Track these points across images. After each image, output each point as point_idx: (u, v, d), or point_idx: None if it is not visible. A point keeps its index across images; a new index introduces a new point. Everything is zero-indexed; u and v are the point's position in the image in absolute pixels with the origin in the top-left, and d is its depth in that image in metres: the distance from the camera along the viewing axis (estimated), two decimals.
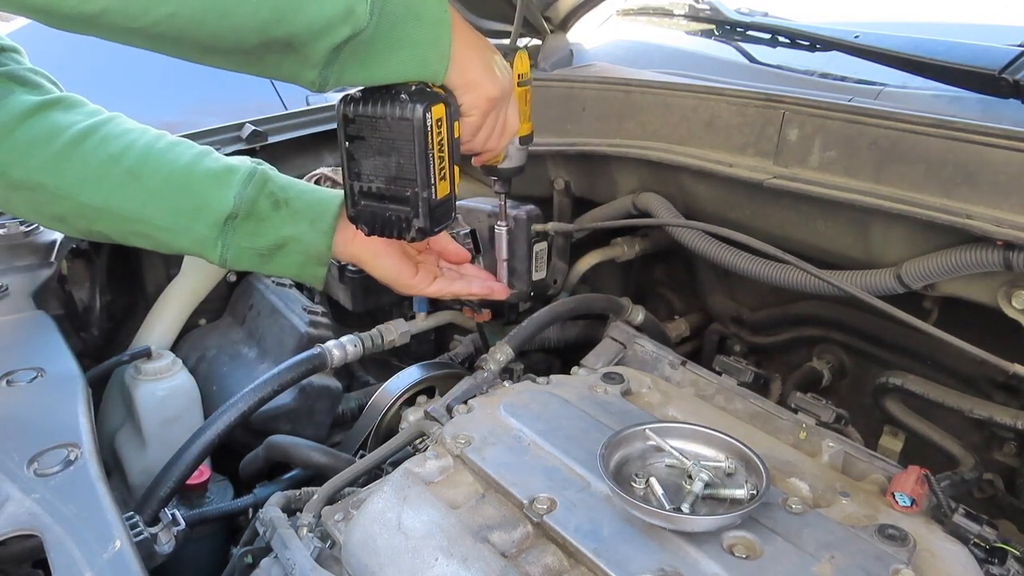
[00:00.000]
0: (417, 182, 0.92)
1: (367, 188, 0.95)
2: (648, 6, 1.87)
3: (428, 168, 0.91)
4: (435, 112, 0.89)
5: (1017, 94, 1.13)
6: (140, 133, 1.08)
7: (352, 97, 0.91)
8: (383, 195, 0.95)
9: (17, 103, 1.00)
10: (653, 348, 1.19)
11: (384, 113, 0.89)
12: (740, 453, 0.82)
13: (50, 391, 0.89)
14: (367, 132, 0.92)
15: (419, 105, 0.87)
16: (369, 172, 0.94)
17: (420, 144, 0.89)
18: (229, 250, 1.07)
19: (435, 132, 0.90)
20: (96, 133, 1.04)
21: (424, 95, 0.88)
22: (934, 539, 0.78)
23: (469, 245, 1.29)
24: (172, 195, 1.05)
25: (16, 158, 1.00)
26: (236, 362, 1.46)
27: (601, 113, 1.38)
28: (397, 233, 0.96)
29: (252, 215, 1.07)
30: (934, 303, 1.16)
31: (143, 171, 1.04)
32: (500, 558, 0.73)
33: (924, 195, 0.99)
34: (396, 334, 1.36)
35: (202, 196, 1.05)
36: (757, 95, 1.18)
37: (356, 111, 0.91)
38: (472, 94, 0.93)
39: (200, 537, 1.20)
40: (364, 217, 0.97)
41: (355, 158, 0.94)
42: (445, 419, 0.98)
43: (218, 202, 1.05)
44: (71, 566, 0.65)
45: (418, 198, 0.93)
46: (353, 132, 0.92)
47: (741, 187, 1.19)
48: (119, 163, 1.03)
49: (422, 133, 0.88)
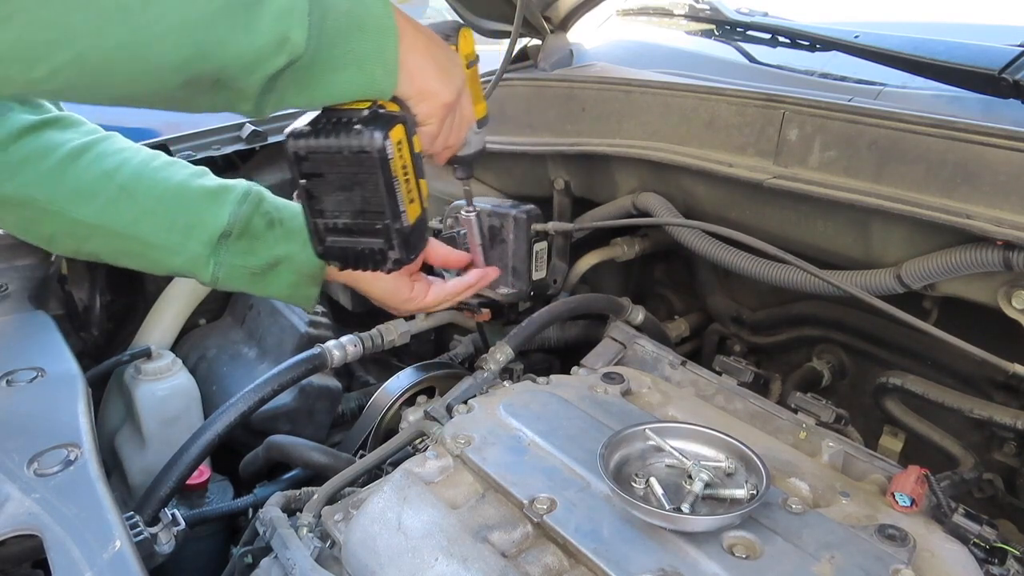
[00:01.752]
0: (387, 214, 0.86)
1: (332, 224, 0.89)
2: (648, 6, 1.87)
3: (395, 197, 0.85)
4: (394, 136, 0.82)
5: (1017, 94, 1.13)
6: (135, 152, 1.06)
7: (300, 132, 0.84)
8: (351, 230, 0.89)
9: (14, 121, 0.98)
10: (653, 348, 1.19)
11: (340, 146, 0.82)
12: (740, 453, 0.82)
13: (50, 391, 0.89)
14: (324, 168, 0.85)
15: (376, 132, 0.81)
16: (333, 208, 0.88)
17: (384, 174, 0.83)
18: (221, 268, 1.05)
19: (397, 157, 0.83)
20: (91, 150, 1.02)
21: (378, 119, 0.82)
22: (934, 539, 0.78)
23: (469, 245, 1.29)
24: (166, 212, 1.02)
25: (8, 174, 0.98)
26: (236, 362, 1.46)
27: (601, 113, 1.38)
28: (373, 266, 0.91)
29: (246, 233, 1.05)
30: (934, 303, 1.16)
31: (137, 188, 1.02)
32: (500, 558, 0.73)
33: (924, 195, 0.99)
34: (396, 334, 1.36)
35: (197, 213, 1.03)
36: (757, 95, 1.18)
37: (308, 146, 0.83)
38: (427, 103, 0.87)
39: (200, 537, 1.20)
40: (334, 253, 0.91)
41: (315, 196, 0.87)
42: (445, 419, 0.98)
43: (213, 219, 1.03)
44: (71, 566, 0.65)
45: (390, 230, 0.87)
46: (309, 170, 0.85)
47: (741, 187, 1.19)
48: (113, 179, 1.01)
49: (384, 162, 0.82)
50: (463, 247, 1.29)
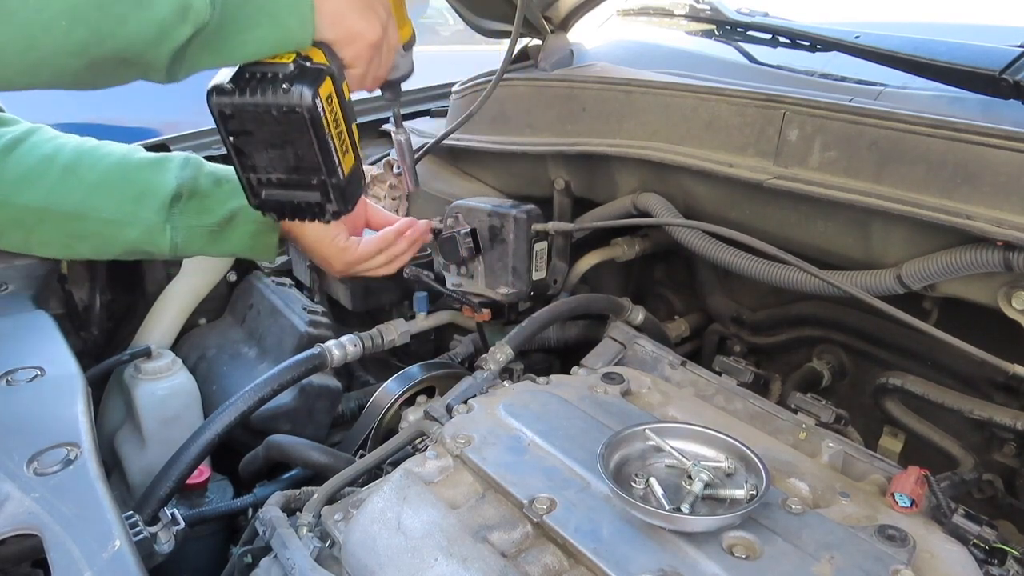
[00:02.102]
0: (322, 170, 0.84)
1: (267, 179, 0.87)
2: (648, 6, 1.87)
3: (330, 153, 0.83)
4: (323, 91, 0.79)
5: (1017, 94, 1.13)
6: (68, 138, 1.05)
7: (223, 88, 0.79)
8: (286, 184, 0.87)
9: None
10: (653, 348, 1.19)
11: (267, 104, 0.78)
12: (740, 453, 0.82)
13: (50, 391, 0.89)
14: (252, 126, 0.81)
15: (305, 89, 0.77)
16: (265, 164, 0.85)
17: (317, 133, 0.80)
18: (179, 232, 1.03)
19: (328, 112, 0.80)
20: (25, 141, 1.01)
21: (306, 75, 0.78)
22: (934, 539, 0.78)
23: (469, 244, 1.29)
24: (113, 185, 1.01)
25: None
26: (236, 362, 1.46)
27: (601, 113, 1.38)
28: (311, 217, 0.90)
29: (196, 193, 1.04)
30: (934, 303, 1.16)
31: (79, 166, 1.01)
32: (500, 558, 0.73)
33: (924, 195, 0.99)
34: (396, 334, 1.36)
35: (143, 182, 1.02)
36: (757, 95, 1.18)
37: (234, 104, 0.80)
38: (352, 46, 0.83)
39: (200, 537, 1.20)
40: (271, 206, 0.90)
41: (245, 152, 0.85)
42: (445, 419, 0.98)
43: (160, 184, 1.02)
44: (71, 566, 0.65)
45: (327, 184, 0.85)
46: (235, 127, 0.82)
47: (741, 187, 1.19)
48: (54, 161, 1.00)
49: (316, 121, 0.79)
50: (464, 247, 1.29)
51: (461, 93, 1.64)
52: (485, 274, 1.34)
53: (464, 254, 1.30)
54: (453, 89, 1.68)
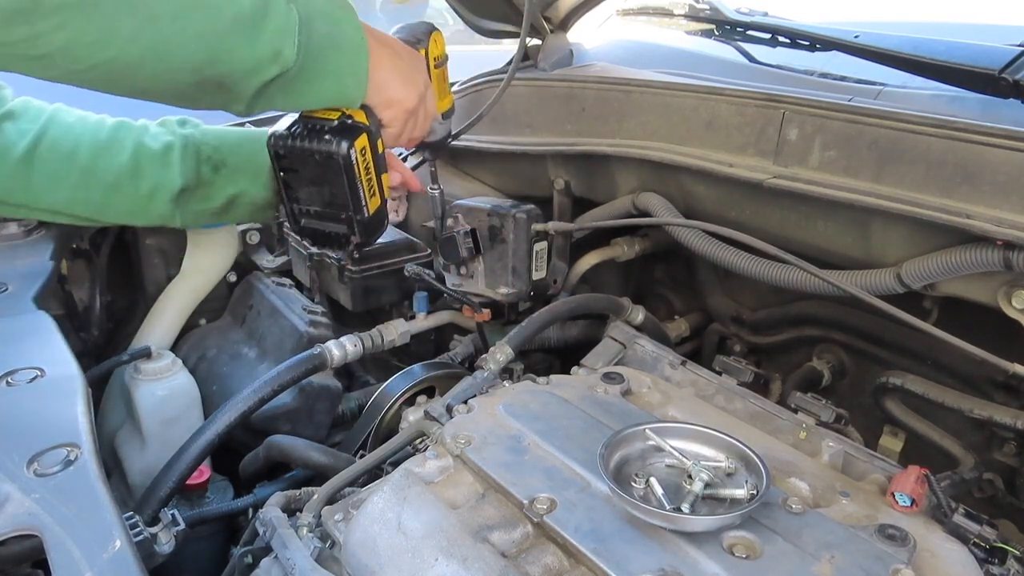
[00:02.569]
0: (350, 207, 1.02)
1: (305, 210, 1.07)
2: (648, 6, 1.87)
3: (358, 194, 1.01)
4: (358, 144, 0.97)
5: (1017, 94, 1.13)
6: (82, 126, 1.18)
7: (280, 134, 1.00)
8: (321, 215, 1.06)
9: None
10: (653, 348, 1.19)
11: (312, 150, 0.97)
12: (740, 453, 0.81)
13: (50, 391, 0.89)
14: (299, 165, 1.01)
15: (343, 142, 0.96)
16: (305, 198, 1.05)
17: (348, 177, 0.99)
18: (187, 216, 1.23)
19: (360, 161, 0.99)
20: (45, 136, 1.14)
21: (346, 130, 0.97)
22: (934, 539, 0.78)
23: (469, 244, 1.30)
24: (127, 183, 1.17)
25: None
26: (236, 362, 1.46)
27: (601, 113, 1.38)
28: (338, 247, 1.10)
29: (200, 184, 1.22)
30: (934, 303, 1.16)
31: (96, 167, 1.15)
32: (500, 558, 0.73)
33: (924, 195, 0.99)
34: (396, 334, 1.36)
35: (153, 179, 1.18)
36: (757, 95, 1.18)
37: (286, 146, 0.99)
38: (391, 110, 1.01)
39: (200, 537, 1.20)
40: (307, 234, 1.10)
41: (291, 186, 1.05)
42: (445, 419, 0.98)
43: (168, 181, 1.19)
44: (71, 566, 0.65)
45: (352, 220, 1.04)
46: (286, 165, 1.02)
47: (741, 187, 1.19)
48: (74, 162, 1.14)
49: (349, 168, 0.98)
50: (464, 247, 1.29)
51: (461, 93, 1.64)
52: (485, 274, 1.34)
53: (464, 254, 1.30)
54: (453, 89, 1.68)
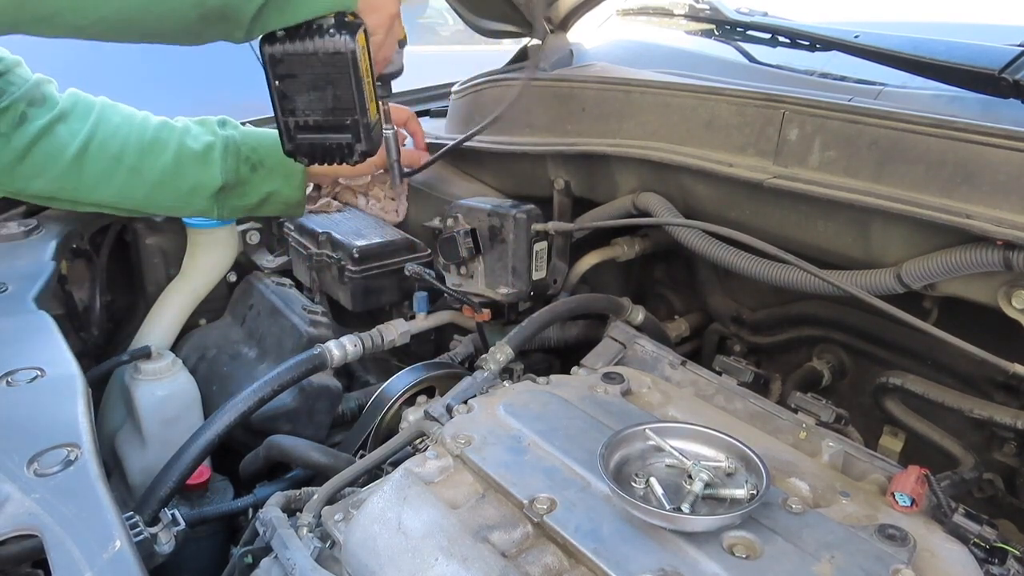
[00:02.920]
0: (356, 109, 0.97)
1: (303, 122, 0.99)
2: (648, 6, 1.87)
3: (363, 94, 0.97)
4: (360, 40, 0.94)
5: (1017, 94, 1.13)
6: (128, 126, 1.25)
7: (275, 36, 0.94)
8: (321, 126, 0.99)
9: (30, 128, 1.16)
10: (653, 348, 1.19)
11: (315, 48, 0.93)
12: (740, 453, 0.82)
13: (50, 391, 0.89)
14: (298, 70, 0.95)
15: (347, 36, 0.92)
16: (304, 107, 0.98)
17: (355, 74, 0.95)
18: (224, 210, 1.31)
19: (363, 59, 0.95)
20: (95, 138, 1.21)
21: (346, 26, 0.93)
22: (934, 539, 0.78)
23: (469, 244, 1.29)
24: (170, 182, 1.25)
25: (36, 173, 1.18)
26: (236, 362, 1.46)
27: (601, 113, 1.38)
28: (340, 159, 1.02)
29: (237, 182, 1.30)
30: (934, 303, 1.15)
31: (142, 166, 1.23)
32: (500, 558, 0.73)
33: (924, 195, 0.99)
34: (396, 334, 1.36)
35: (194, 178, 1.26)
36: (757, 95, 1.17)
37: (284, 50, 0.94)
38: (377, 14, 1.00)
39: (200, 537, 1.20)
40: (303, 150, 1.02)
41: (288, 95, 0.98)
42: (445, 419, 0.98)
43: (209, 180, 1.27)
44: (71, 566, 0.65)
45: (358, 124, 0.98)
46: (283, 71, 0.95)
47: (741, 187, 1.19)
48: (121, 162, 1.22)
49: (355, 63, 0.94)
50: (464, 247, 1.29)
51: (461, 93, 1.64)
52: (485, 274, 1.34)
53: (464, 254, 1.30)
54: (453, 89, 1.68)
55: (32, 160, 1.16)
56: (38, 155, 1.16)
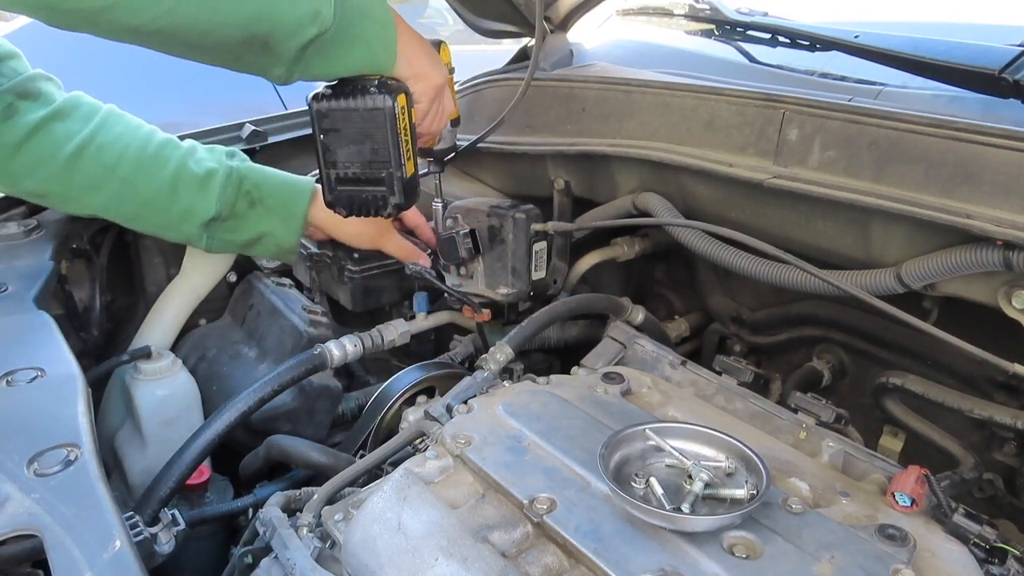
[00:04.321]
0: (391, 163, 1.03)
1: (343, 175, 1.06)
2: (648, 6, 1.86)
3: (399, 150, 1.02)
4: (400, 100, 1.00)
5: (1017, 94, 1.12)
6: (131, 136, 1.21)
7: (322, 94, 1.02)
8: (359, 179, 1.06)
9: (24, 123, 1.13)
10: (653, 348, 1.19)
11: (357, 105, 1.00)
12: (740, 453, 0.82)
13: (50, 391, 0.89)
14: (341, 124, 1.02)
15: (388, 96, 0.99)
16: (344, 160, 1.05)
17: (392, 130, 1.00)
18: (213, 242, 1.27)
19: (402, 118, 1.01)
20: (92, 143, 1.18)
21: (388, 87, 1.00)
22: (934, 539, 0.78)
23: (469, 244, 1.29)
24: (162, 203, 1.21)
25: (26, 171, 1.15)
26: (236, 362, 1.46)
27: (601, 113, 1.38)
28: (375, 211, 1.08)
29: (232, 215, 1.25)
30: (934, 303, 1.15)
31: (136, 180, 1.19)
32: (500, 558, 0.73)
33: (924, 195, 0.99)
34: (396, 334, 1.36)
35: (188, 202, 1.22)
36: (757, 95, 1.18)
37: (329, 106, 1.01)
38: (421, 83, 1.04)
39: (200, 537, 1.20)
40: (342, 201, 1.09)
41: (331, 149, 1.05)
42: (445, 419, 0.98)
43: (203, 208, 1.22)
44: (71, 566, 0.65)
45: (393, 178, 1.04)
46: (328, 126, 1.03)
47: (741, 187, 1.19)
48: (115, 172, 1.18)
49: (392, 120, 1.00)
50: (464, 247, 1.29)
51: (461, 93, 1.64)
52: (485, 274, 1.34)
53: (464, 255, 1.30)
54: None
55: (24, 157, 1.13)
56: (31, 152, 1.13)
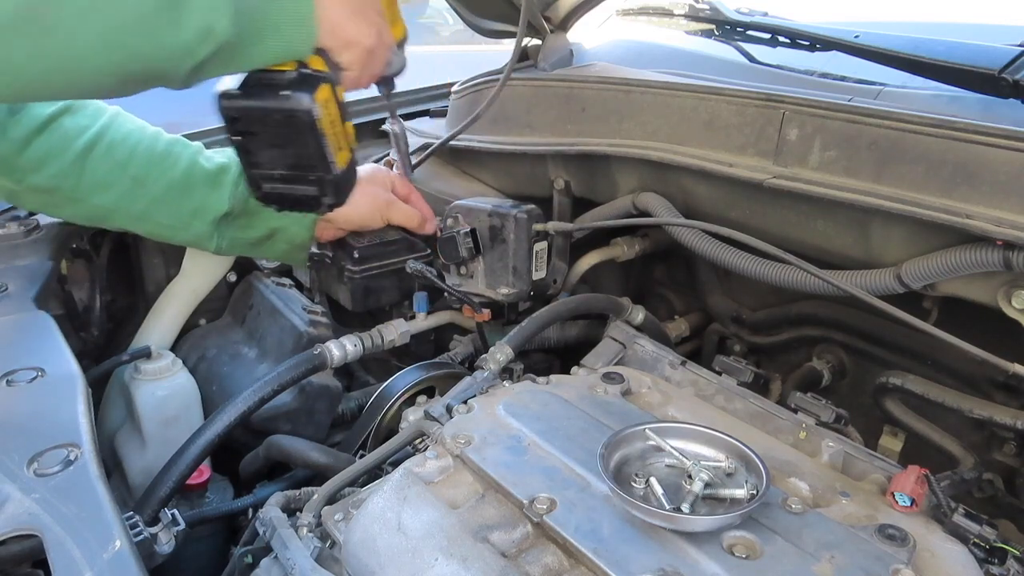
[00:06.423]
0: (318, 168, 0.92)
1: (268, 175, 0.95)
2: (648, 6, 1.87)
3: (325, 151, 0.91)
4: (319, 96, 0.87)
5: (1017, 94, 1.13)
6: (140, 135, 1.19)
7: (231, 93, 0.88)
8: (287, 179, 0.95)
9: (33, 117, 1.11)
10: (653, 348, 1.19)
11: (270, 108, 0.87)
12: (740, 453, 0.82)
13: (50, 391, 0.89)
14: (256, 127, 0.90)
15: (304, 95, 0.85)
16: (267, 161, 0.93)
17: (313, 134, 0.88)
18: (224, 240, 1.24)
19: (325, 115, 0.88)
20: (103, 140, 1.15)
21: (304, 81, 0.86)
22: (934, 539, 0.78)
23: (469, 244, 1.29)
24: (174, 199, 1.18)
25: (35, 166, 1.12)
26: (236, 362, 1.46)
27: (601, 113, 1.38)
28: (309, 209, 1.00)
29: (244, 212, 1.22)
30: (934, 303, 1.15)
31: (147, 178, 1.17)
32: (500, 558, 0.73)
33: (924, 195, 0.99)
34: (396, 334, 1.36)
35: (200, 198, 1.19)
36: (757, 95, 1.17)
37: (239, 107, 0.88)
38: (349, 52, 0.91)
39: (200, 537, 1.20)
40: (272, 199, 0.99)
41: (250, 151, 0.93)
42: (445, 419, 0.98)
43: (215, 203, 1.19)
44: (71, 566, 0.65)
45: (323, 180, 0.94)
46: (241, 128, 0.90)
47: (741, 187, 1.19)
48: (126, 170, 1.16)
49: (312, 123, 0.87)
50: (464, 247, 1.29)
51: (461, 93, 1.64)
52: (485, 274, 1.34)
53: (464, 254, 1.30)
54: (453, 89, 1.68)
55: (34, 152, 1.11)
56: (41, 147, 1.12)
